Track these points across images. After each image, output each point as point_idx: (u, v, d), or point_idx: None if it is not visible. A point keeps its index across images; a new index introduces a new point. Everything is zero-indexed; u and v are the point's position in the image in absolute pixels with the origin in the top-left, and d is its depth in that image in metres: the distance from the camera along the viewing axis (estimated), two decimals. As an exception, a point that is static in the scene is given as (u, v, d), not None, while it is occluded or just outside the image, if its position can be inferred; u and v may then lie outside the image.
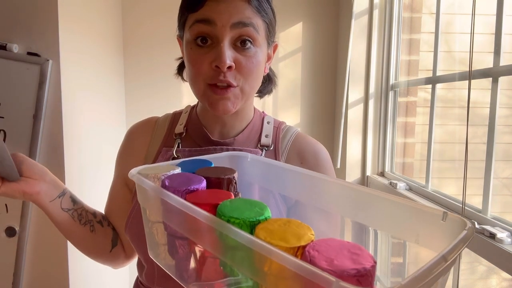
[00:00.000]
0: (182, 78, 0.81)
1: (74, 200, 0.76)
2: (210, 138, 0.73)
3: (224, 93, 0.64)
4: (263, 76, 0.76)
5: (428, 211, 0.39)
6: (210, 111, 0.72)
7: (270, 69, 0.79)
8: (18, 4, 1.07)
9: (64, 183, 1.11)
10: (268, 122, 0.77)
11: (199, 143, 0.74)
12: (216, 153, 0.71)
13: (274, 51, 0.74)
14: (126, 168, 0.80)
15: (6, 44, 1.06)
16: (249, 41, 0.63)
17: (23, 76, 1.08)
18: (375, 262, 0.30)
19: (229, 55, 0.62)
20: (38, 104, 1.08)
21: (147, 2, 1.72)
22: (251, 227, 0.37)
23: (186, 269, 0.46)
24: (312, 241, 0.33)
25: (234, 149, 0.71)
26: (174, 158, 0.73)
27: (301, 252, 0.32)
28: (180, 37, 0.71)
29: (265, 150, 0.72)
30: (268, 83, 0.80)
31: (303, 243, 0.32)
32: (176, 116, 0.81)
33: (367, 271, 0.29)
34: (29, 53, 1.08)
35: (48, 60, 1.07)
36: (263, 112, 0.80)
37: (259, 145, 0.73)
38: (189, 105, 0.82)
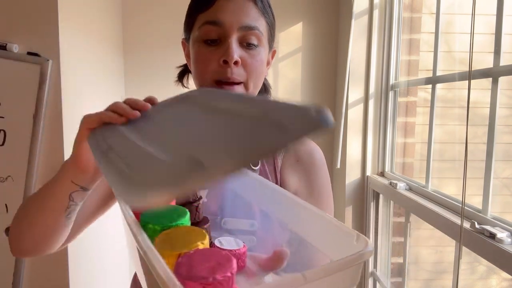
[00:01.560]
0: (183, 85, 0.83)
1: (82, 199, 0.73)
2: None
3: (230, 90, 0.67)
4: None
5: (344, 231, 0.41)
6: None
7: (265, 79, 0.81)
8: (18, 4, 1.07)
9: (64, 183, 1.11)
10: None
11: None
12: None
13: (272, 57, 0.77)
14: None
15: (6, 44, 1.06)
16: (254, 41, 0.67)
17: (23, 76, 1.08)
18: (232, 274, 0.33)
19: (236, 50, 0.65)
20: (38, 104, 1.08)
21: (147, 2, 1.72)
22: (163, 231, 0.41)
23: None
24: (197, 248, 0.37)
25: None
26: None
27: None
28: (186, 40, 0.74)
29: None
30: (264, 92, 0.83)
31: (185, 250, 0.36)
32: None
33: (216, 280, 0.32)
34: (29, 53, 1.08)
35: (48, 60, 1.07)
36: None
37: None
38: None
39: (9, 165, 1.09)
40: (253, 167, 0.72)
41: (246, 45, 0.66)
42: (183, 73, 0.83)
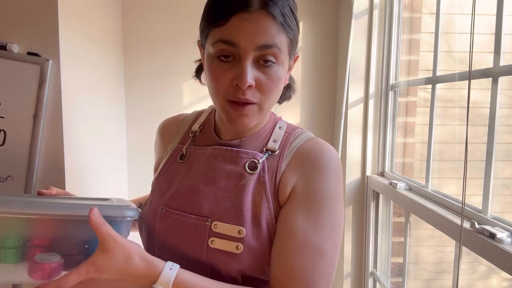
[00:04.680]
0: (200, 81, 0.83)
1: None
2: (218, 139, 0.76)
3: (242, 110, 0.65)
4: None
5: None
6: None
7: (290, 76, 0.80)
8: (18, 4, 1.07)
9: (64, 183, 1.12)
10: (280, 127, 0.76)
11: (209, 142, 0.77)
12: (217, 152, 0.73)
13: (295, 62, 0.74)
14: (155, 160, 0.89)
15: (6, 44, 1.06)
16: (272, 59, 0.64)
17: (23, 76, 1.08)
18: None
19: (250, 74, 0.62)
20: (38, 104, 1.08)
21: (147, 2, 1.72)
22: None
23: None
24: None
25: (238, 151, 0.72)
26: (183, 155, 0.77)
27: None
28: (202, 45, 0.72)
29: (269, 154, 0.72)
30: (287, 90, 0.81)
31: None
32: (198, 114, 0.85)
33: None
34: (29, 53, 1.08)
35: (48, 60, 1.07)
36: (279, 117, 0.80)
37: (264, 149, 0.73)
38: (211, 105, 0.84)
39: (9, 165, 1.09)
40: (250, 171, 0.70)
41: (262, 63, 0.64)
42: (200, 69, 0.82)
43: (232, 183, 0.70)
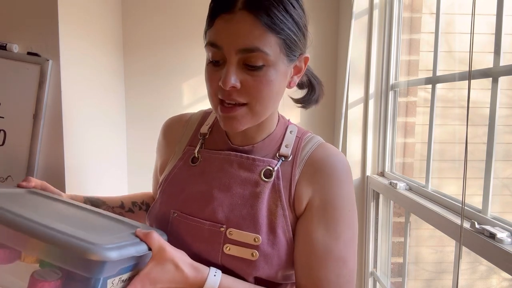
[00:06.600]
0: None
1: (92, 204, 0.82)
2: (230, 143, 0.74)
3: (230, 111, 0.65)
4: (307, 86, 0.78)
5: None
6: None
7: (315, 76, 0.79)
8: (18, 4, 1.07)
9: (64, 184, 1.12)
10: (291, 132, 0.75)
11: (220, 146, 0.75)
12: (232, 158, 0.72)
13: (305, 64, 0.71)
14: (159, 160, 0.86)
15: (6, 44, 1.06)
16: (257, 63, 0.62)
17: (23, 76, 1.08)
18: None
19: (234, 76, 0.62)
20: (38, 104, 1.08)
21: (147, 3, 1.72)
22: None
23: None
24: None
25: (254, 159, 0.71)
26: (195, 158, 0.75)
27: None
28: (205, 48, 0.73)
29: (282, 160, 0.71)
30: (311, 93, 0.79)
31: None
32: (206, 115, 0.83)
33: None
34: (29, 53, 1.08)
35: (48, 60, 1.07)
36: (288, 120, 0.79)
37: (277, 155, 0.72)
38: None
39: (9, 165, 1.09)
40: (265, 179, 0.70)
41: (249, 65, 0.62)
42: None
43: (247, 191, 0.69)
